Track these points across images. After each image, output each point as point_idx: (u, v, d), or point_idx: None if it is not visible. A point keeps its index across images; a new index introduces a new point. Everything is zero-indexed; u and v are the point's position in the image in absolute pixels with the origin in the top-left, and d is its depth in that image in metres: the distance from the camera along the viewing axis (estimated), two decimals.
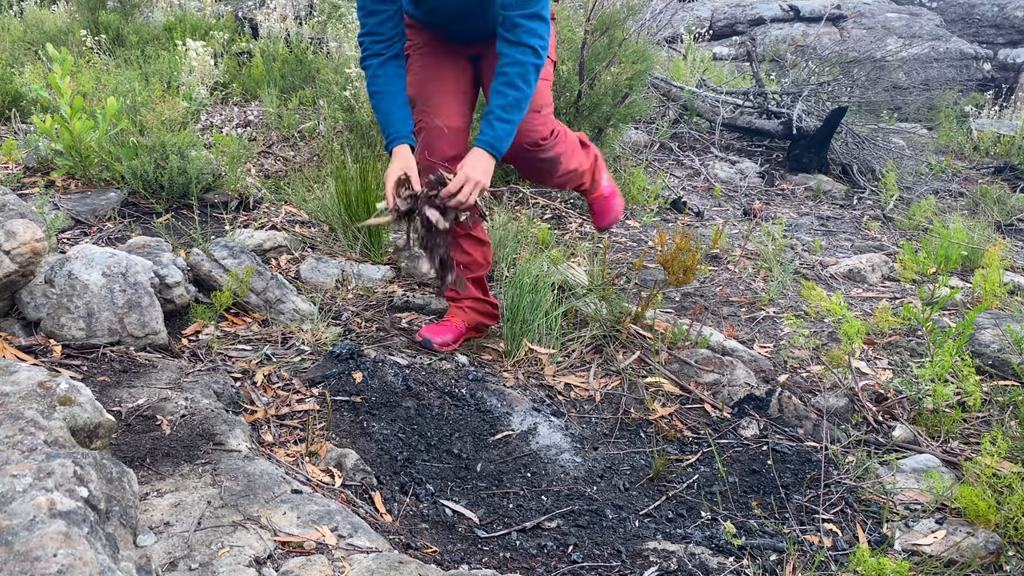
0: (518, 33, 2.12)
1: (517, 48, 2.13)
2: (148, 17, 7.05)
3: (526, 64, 2.14)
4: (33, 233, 1.98)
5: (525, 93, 2.16)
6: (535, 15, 2.14)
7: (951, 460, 2.06)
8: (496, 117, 2.15)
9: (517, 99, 2.16)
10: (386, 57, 2.25)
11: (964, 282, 3.61)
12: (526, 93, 2.16)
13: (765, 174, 5.50)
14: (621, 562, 1.69)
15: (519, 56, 2.14)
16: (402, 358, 2.29)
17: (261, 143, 4.40)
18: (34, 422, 1.31)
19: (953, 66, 9.75)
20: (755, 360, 2.58)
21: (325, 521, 1.50)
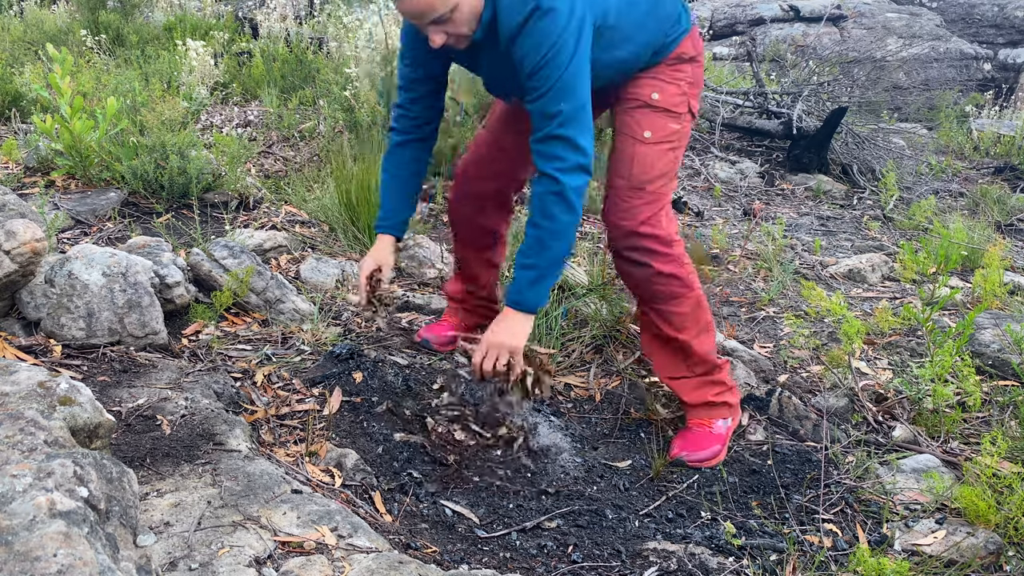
0: (539, 156, 1.79)
1: (539, 178, 1.79)
2: (148, 17, 7.05)
3: (544, 197, 1.77)
4: (33, 233, 1.98)
5: (547, 229, 1.79)
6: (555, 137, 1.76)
7: (951, 460, 2.06)
8: (518, 264, 1.83)
9: (538, 238, 1.80)
10: (407, 139, 2.09)
11: (964, 282, 3.61)
12: (549, 229, 1.79)
13: (765, 174, 5.50)
14: (621, 562, 1.69)
15: (538, 187, 1.79)
16: (402, 358, 2.29)
17: (261, 143, 4.40)
18: (34, 422, 1.31)
19: (953, 66, 9.75)
20: (755, 360, 2.58)
21: (325, 521, 1.50)
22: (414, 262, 2.97)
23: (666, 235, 1.96)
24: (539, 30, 1.70)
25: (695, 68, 2.00)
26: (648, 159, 1.95)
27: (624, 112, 1.98)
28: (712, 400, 2.09)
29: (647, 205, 1.95)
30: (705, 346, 2.06)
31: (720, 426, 2.09)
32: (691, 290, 2.01)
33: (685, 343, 2.04)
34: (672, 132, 1.97)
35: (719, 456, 2.05)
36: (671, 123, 1.96)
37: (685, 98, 1.98)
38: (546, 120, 1.75)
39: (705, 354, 2.06)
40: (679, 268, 1.99)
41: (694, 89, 2.01)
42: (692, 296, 2.02)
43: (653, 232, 1.95)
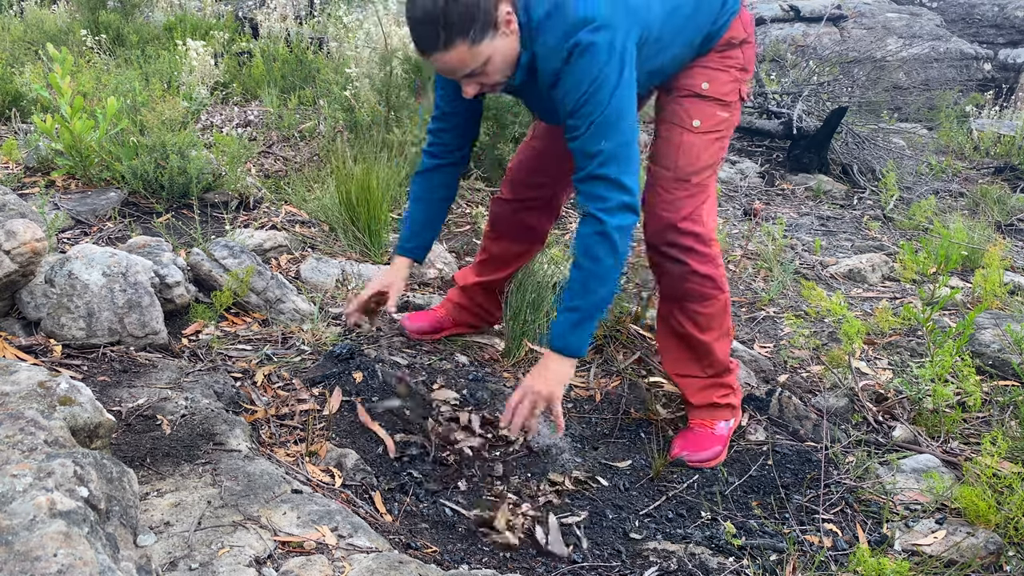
0: (582, 195, 1.73)
1: (583, 219, 1.73)
2: (148, 17, 7.05)
3: (588, 238, 1.70)
4: (33, 233, 1.98)
5: (591, 272, 1.71)
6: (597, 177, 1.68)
7: (951, 460, 2.06)
8: (562, 307, 1.76)
9: (582, 281, 1.72)
10: (438, 164, 2.05)
11: (964, 282, 3.61)
12: (592, 272, 1.71)
13: (765, 174, 5.50)
14: (621, 562, 1.69)
15: (582, 228, 1.72)
16: (402, 358, 2.29)
17: (261, 143, 4.40)
18: (34, 422, 1.31)
19: (953, 66, 9.75)
20: (755, 360, 2.58)
21: (325, 521, 1.50)
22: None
23: (706, 233, 1.91)
24: (579, 68, 1.62)
25: (746, 50, 1.93)
26: (695, 149, 1.88)
27: (673, 100, 1.92)
28: (717, 402, 2.08)
29: (691, 198, 1.89)
30: (724, 350, 2.05)
31: (722, 427, 2.08)
32: (722, 292, 1.98)
33: (706, 344, 2.01)
34: (721, 121, 1.91)
35: (720, 457, 2.04)
36: (720, 111, 1.90)
37: (736, 84, 1.92)
38: (587, 159, 1.68)
39: (722, 357, 2.05)
40: (715, 269, 1.94)
41: (745, 74, 1.94)
42: (722, 299, 1.98)
43: (694, 229, 1.89)
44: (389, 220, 3.19)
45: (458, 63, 1.62)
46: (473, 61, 1.62)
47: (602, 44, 1.60)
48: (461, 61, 1.61)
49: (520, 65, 1.68)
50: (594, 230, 1.69)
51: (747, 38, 1.93)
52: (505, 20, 1.61)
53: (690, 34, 1.85)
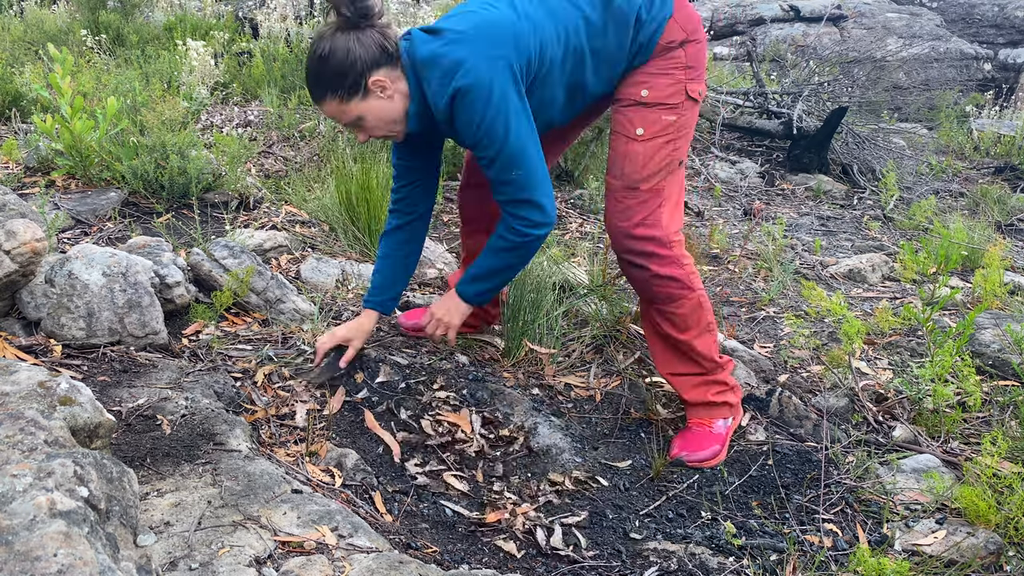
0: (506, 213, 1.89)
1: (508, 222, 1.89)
2: (148, 17, 7.06)
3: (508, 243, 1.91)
4: (33, 233, 1.98)
5: (503, 264, 1.96)
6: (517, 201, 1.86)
7: (951, 460, 2.06)
8: (474, 264, 2.01)
9: (490, 266, 1.97)
10: (404, 222, 2.13)
11: (964, 282, 3.61)
12: (505, 264, 1.96)
13: (765, 174, 5.50)
14: (621, 562, 1.69)
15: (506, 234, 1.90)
16: (402, 358, 2.29)
17: (261, 143, 4.40)
18: (34, 422, 1.31)
19: (953, 66, 9.75)
20: (755, 360, 2.58)
21: (325, 521, 1.50)
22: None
23: (663, 235, 1.94)
24: (464, 111, 1.74)
25: (690, 49, 1.90)
26: (640, 157, 1.91)
27: (617, 111, 1.97)
28: (712, 400, 2.08)
29: (642, 204, 1.93)
30: (707, 346, 2.05)
31: (720, 426, 2.08)
32: (691, 291, 1.99)
33: (686, 343, 2.03)
34: (667, 125, 1.91)
35: (719, 456, 2.04)
36: (666, 115, 1.91)
37: (680, 86, 1.90)
38: (504, 185, 1.84)
39: (707, 353, 2.05)
40: (677, 269, 1.96)
41: (693, 72, 1.92)
42: (692, 297, 2.00)
43: (649, 233, 1.94)
44: None
45: (333, 114, 1.84)
46: (345, 116, 1.83)
47: (480, 84, 1.71)
48: (334, 113, 1.83)
49: (411, 115, 1.84)
50: (515, 242, 1.89)
51: (689, 37, 1.90)
52: (379, 86, 1.78)
53: (608, 46, 1.87)
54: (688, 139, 1.98)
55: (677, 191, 1.99)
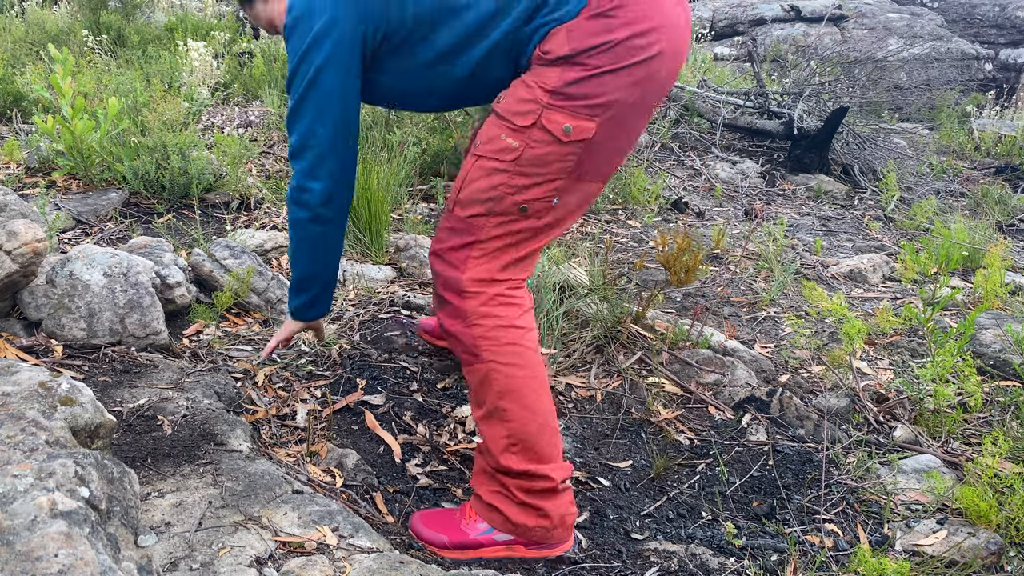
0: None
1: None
2: (149, 17, 7.06)
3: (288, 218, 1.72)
4: (34, 233, 1.99)
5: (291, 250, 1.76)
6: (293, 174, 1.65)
7: (952, 460, 2.06)
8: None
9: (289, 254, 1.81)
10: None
11: (965, 282, 3.61)
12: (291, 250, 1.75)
13: (766, 174, 5.50)
14: (622, 562, 1.69)
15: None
16: (404, 359, 2.29)
17: (262, 143, 4.40)
18: (35, 422, 1.31)
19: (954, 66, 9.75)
20: (756, 360, 2.58)
21: (326, 521, 1.50)
22: (415, 262, 2.97)
23: (457, 280, 1.56)
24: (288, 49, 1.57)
25: (570, 71, 1.45)
26: (467, 173, 1.56)
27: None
28: (482, 495, 1.65)
29: (451, 231, 1.58)
30: (491, 435, 1.59)
31: (480, 530, 1.64)
32: (476, 358, 1.58)
33: (476, 417, 1.64)
34: (503, 149, 1.50)
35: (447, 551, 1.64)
36: (504, 135, 1.50)
37: (537, 107, 1.46)
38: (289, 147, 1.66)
39: (491, 445, 1.60)
40: (461, 326, 1.57)
41: (563, 101, 1.45)
42: (480, 368, 1.58)
43: (443, 270, 1.58)
44: (389, 220, 3.19)
45: (251, 19, 1.78)
46: (258, 20, 1.75)
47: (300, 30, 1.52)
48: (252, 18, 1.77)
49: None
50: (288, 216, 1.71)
51: (574, 56, 1.44)
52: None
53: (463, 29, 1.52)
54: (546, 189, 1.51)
55: (509, 243, 1.55)
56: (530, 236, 1.57)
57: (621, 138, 1.54)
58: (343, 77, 1.54)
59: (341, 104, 1.57)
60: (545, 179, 1.50)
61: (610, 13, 1.43)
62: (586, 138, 1.47)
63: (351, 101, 1.59)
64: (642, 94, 1.49)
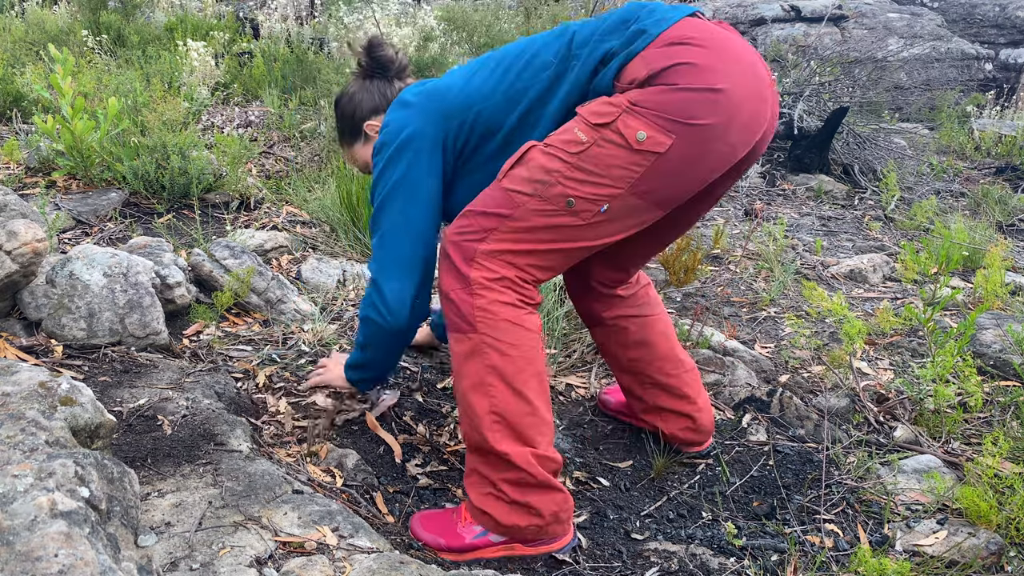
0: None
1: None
2: (149, 17, 7.06)
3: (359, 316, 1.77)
4: (34, 233, 1.99)
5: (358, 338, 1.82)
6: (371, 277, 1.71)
7: (952, 460, 2.06)
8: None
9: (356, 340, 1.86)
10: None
11: (965, 282, 3.60)
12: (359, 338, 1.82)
13: (766, 174, 5.50)
14: (622, 562, 1.69)
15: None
16: (404, 360, 2.29)
17: (262, 143, 4.40)
18: (35, 422, 1.31)
19: (954, 66, 9.75)
20: (756, 360, 2.58)
21: (326, 521, 1.50)
22: None
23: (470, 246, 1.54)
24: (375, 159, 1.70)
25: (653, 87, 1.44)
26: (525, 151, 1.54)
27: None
28: (473, 498, 1.62)
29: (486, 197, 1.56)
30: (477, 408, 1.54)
31: (474, 533, 1.62)
32: (471, 329, 1.54)
33: (458, 391, 1.59)
34: (569, 140, 1.48)
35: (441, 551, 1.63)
36: (577, 128, 1.49)
37: (616, 111, 1.45)
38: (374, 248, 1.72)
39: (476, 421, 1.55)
40: (465, 296, 1.54)
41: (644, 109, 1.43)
42: (472, 337, 1.54)
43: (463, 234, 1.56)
44: None
45: (347, 160, 1.95)
46: (353, 160, 1.93)
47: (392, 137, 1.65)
48: (347, 158, 1.95)
49: None
50: (361, 312, 1.76)
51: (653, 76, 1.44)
52: (373, 130, 1.82)
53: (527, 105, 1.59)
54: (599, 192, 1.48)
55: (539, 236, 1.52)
56: (562, 237, 1.53)
57: (696, 169, 1.48)
58: (424, 183, 1.64)
59: (422, 210, 1.65)
60: (602, 182, 1.48)
61: (685, 41, 1.45)
62: (658, 152, 1.44)
63: (431, 208, 1.67)
64: (724, 127, 1.44)
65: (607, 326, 1.93)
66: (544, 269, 1.57)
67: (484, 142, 1.65)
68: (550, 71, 1.57)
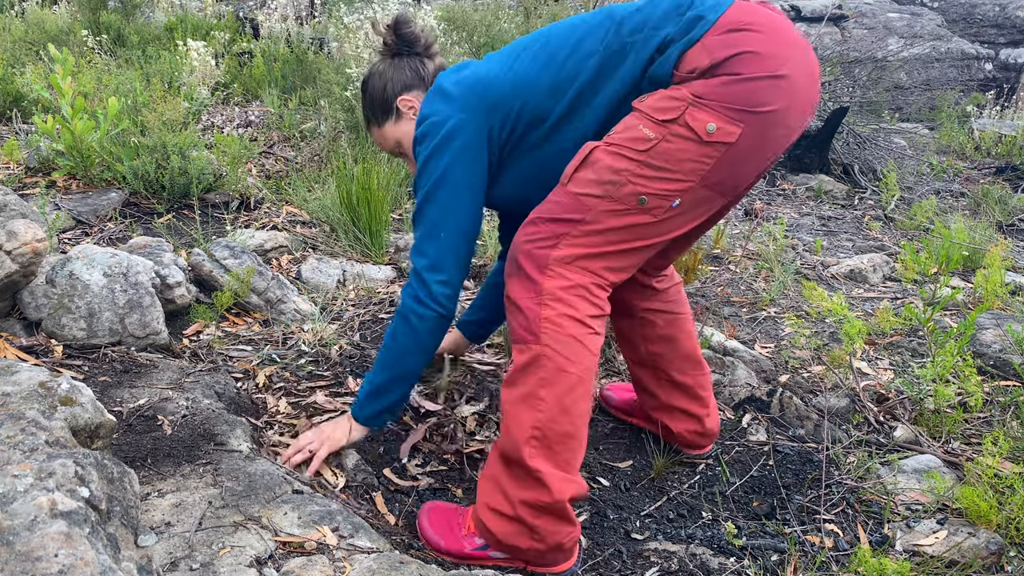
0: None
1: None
2: (149, 17, 7.06)
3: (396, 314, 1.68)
4: (34, 233, 1.99)
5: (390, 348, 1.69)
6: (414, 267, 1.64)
7: (952, 460, 2.06)
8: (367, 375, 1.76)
9: (382, 354, 1.72)
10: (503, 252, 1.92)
11: (965, 282, 3.60)
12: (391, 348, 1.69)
13: (766, 174, 5.50)
14: (622, 562, 1.69)
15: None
16: None
17: (262, 143, 4.40)
18: (35, 422, 1.31)
19: (954, 66, 9.75)
20: (756, 360, 2.58)
21: (326, 521, 1.50)
22: None
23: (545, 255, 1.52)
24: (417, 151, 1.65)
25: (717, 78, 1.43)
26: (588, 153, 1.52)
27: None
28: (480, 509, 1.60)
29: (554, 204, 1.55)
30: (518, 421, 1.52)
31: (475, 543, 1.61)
32: (535, 340, 1.52)
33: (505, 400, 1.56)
34: (635, 137, 1.47)
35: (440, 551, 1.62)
36: (642, 125, 1.47)
37: (682, 104, 1.44)
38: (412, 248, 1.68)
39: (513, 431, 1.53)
40: (533, 305, 1.52)
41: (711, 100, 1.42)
42: (533, 348, 1.52)
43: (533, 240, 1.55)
44: (390, 220, 3.19)
45: (378, 142, 1.86)
46: (385, 142, 1.83)
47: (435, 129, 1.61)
48: (378, 141, 1.85)
49: None
50: (399, 309, 1.67)
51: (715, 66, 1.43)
52: (408, 106, 1.76)
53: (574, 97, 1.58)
54: (670, 187, 1.47)
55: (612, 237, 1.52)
56: (635, 236, 1.52)
57: (760, 155, 1.49)
58: (469, 177, 1.62)
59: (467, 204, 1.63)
60: (673, 177, 1.47)
61: (744, 28, 1.45)
62: (728, 142, 1.44)
63: (476, 202, 1.65)
64: (785, 111, 1.45)
65: (636, 317, 1.91)
66: (617, 271, 1.56)
67: (530, 130, 1.63)
68: (596, 58, 1.55)
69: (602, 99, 1.56)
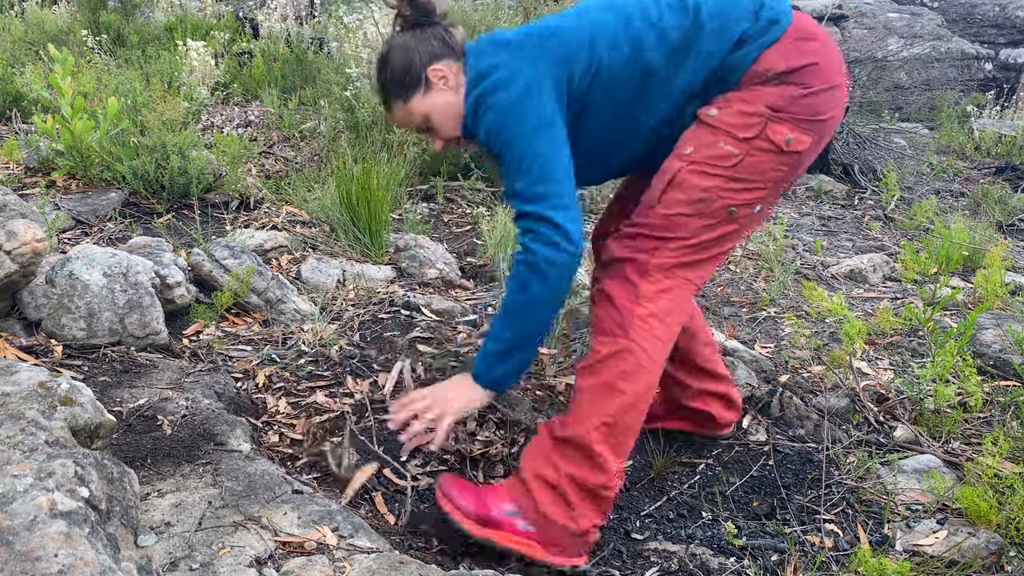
0: (518, 231, 1.60)
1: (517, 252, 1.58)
2: (149, 17, 7.06)
3: (518, 266, 1.56)
4: (34, 233, 1.99)
5: (520, 302, 1.57)
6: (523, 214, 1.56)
7: (952, 460, 2.06)
8: (489, 335, 1.64)
9: (510, 310, 1.59)
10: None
11: (965, 282, 3.60)
12: (521, 301, 1.57)
13: None
14: (622, 562, 1.69)
15: (516, 258, 1.57)
16: (403, 359, 2.29)
17: (262, 143, 4.40)
18: (35, 422, 1.31)
19: (954, 66, 9.74)
20: (756, 360, 2.58)
21: (326, 521, 1.50)
22: (415, 262, 2.97)
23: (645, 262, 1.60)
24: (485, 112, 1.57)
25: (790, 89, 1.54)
26: (673, 175, 1.60)
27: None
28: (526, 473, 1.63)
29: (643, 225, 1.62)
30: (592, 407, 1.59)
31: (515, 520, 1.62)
32: (623, 334, 1.59)
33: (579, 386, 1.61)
34: (719, 155, 1.56)
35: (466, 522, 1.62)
36: (723, 142, 1.56)
37: (761, 120, 1.55)
38: (513, 199, 1.58)
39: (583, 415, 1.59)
40: (628, 304, 1.60)
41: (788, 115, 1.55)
42: (620, 343, 1.59)
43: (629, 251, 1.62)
44: (389, 220, 3.19)
45: (402, 120, 1.73)
46: (412, 118, 1.70)
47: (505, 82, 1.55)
48: (403, 118, 1.72)
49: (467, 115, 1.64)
50: (524, 259, 1.55)
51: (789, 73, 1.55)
52: (439, 75, 1.64)
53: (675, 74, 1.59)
54: (754, 196, 1.60)
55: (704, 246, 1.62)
56: (723, 242, 1.65)
57: (815, 155, 1.66)
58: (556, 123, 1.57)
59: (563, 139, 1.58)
60: (756, 186, 1.60)
61: (810, 36, 1.58)
62: (801, 151, 1.59)
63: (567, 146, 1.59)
64: (837, 116, 1.62)
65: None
66: (704, 276, 1.68)
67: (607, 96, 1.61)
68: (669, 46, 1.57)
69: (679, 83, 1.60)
